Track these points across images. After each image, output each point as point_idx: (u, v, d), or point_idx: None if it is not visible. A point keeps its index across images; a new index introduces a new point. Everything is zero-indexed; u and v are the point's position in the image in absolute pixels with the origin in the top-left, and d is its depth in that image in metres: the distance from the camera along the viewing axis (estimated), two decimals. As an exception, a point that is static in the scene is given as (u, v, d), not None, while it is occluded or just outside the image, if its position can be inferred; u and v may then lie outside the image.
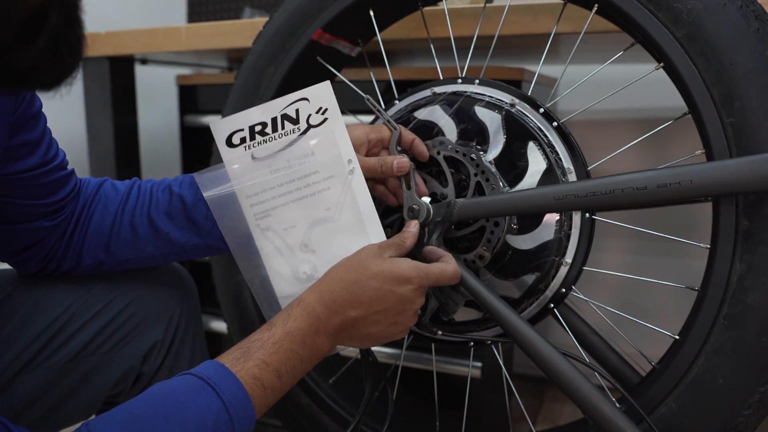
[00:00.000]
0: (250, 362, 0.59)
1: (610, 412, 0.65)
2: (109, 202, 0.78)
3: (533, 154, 0.75)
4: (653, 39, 0.69)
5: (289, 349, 0.62)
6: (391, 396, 0.78)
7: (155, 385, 0.58)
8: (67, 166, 0.76)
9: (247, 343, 0.62)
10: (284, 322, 0.63)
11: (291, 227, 0.70)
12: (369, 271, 0.65)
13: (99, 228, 0.77)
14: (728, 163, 0.63)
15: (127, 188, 0.79)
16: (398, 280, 0.65)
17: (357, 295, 0.64)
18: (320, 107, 0.69)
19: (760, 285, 0.64)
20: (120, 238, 0.77)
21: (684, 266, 1.49)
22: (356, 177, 0.69)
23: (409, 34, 1.02)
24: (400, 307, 0.66)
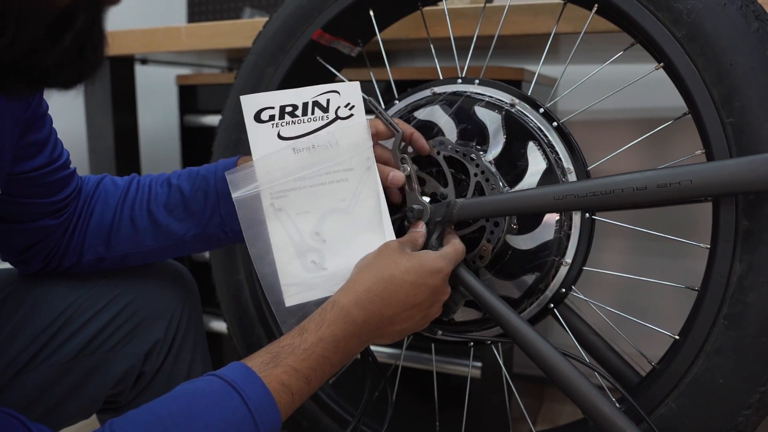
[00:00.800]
0: (279, 368, 0.57)
1: (610, 412, 0.65)
2: (109, 197, 0.78)
3: (533, 154, 0.75)
4: (653, 39, 0.69)
5: (320, 356, 0.60)
6: (391, 396, 0.78)
7: (181, 386, 0.56)
8: (70, 165, 0.76)
9: (277, 347, 0.60)
10: (317, 328, 0.61)
11: (304, 213, 0.70)
12: (402, 267, 0.64)
13: (99, 223, 0.77)
14: (728, 163, 0.63)
15: (126, 183, 0.80)
16: (431, 272, 0.65)
17: (394, 293, 0.63)
18: (348, 102, 0.71)
19: (760, 285, 0.64)
20: (120, 232, 0.77)
21: (684, 266, 1.49)
22: (372, 174, 0.71)
23: (409, 34, 1.02)
24: (432, 298, 0.66)
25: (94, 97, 1.41)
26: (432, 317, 0.69)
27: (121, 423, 0.51)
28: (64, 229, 0.76)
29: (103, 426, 0.51)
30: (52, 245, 0.76)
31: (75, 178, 0.77)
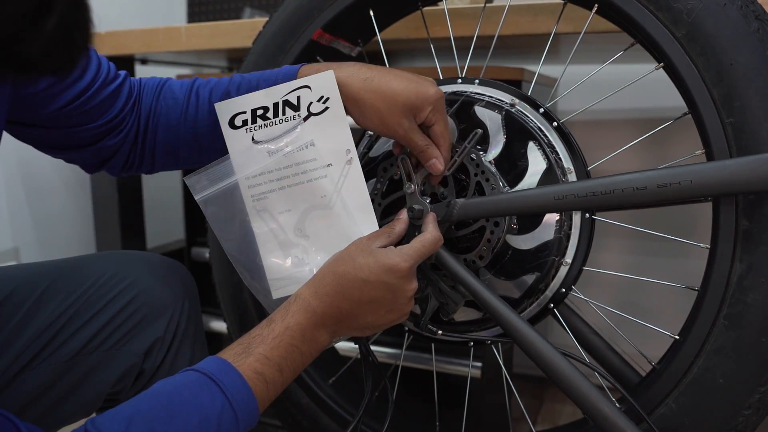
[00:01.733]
0: (251, 357, 0.60)
1: (610, 412, 0.65)
2: (171, 116, 0.77)
3: (533, 154, 0.75)
4: (653, 39, 0.69)
5: (289, 344, 0.62)
6: (391, 396, 0.78)
7: (159, 382, 0.58)
8: (117, 72, 0.75)
9: (248, 338, 0.62)
10: (282, 318, 0.64)
11: (286, 211, 0.71)
12: (356, 263, 0.65)
13: (164, 140, 0.78)
14: (728, 163, 0.63)
15: (185, 96, 0.77)
16: (384, 270, 0.65)
17: (347, 288, 0.65)
18: (322, 96, 0.69)
19: (760, 285, 0.64)
20: (185, 149, 0.78)
21: (684, 266, 1.49)
22: (353, 167, 0.70)
23: (409, 34, 1.02)
24: (391, 295, 0.66)
25: (94, 97, 1.41)
26: (401, 311, 0.68)
27: (101, 420, 0.52)
28: (132, 144, 0.77)
29: (84, 423, 0.52)
30: (125, 158, 0.77)
31: (124, 89, 0.75)
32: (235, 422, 0.57)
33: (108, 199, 1.45)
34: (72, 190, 1.66)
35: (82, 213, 1.68)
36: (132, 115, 0.76)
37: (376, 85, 0.69)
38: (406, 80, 0.70)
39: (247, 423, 0.58)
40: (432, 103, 0.70)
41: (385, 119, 0.70)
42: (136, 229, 1.53)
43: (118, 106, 0.74)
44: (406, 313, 0.69)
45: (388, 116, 0.69)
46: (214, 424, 0.55)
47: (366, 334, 0.70)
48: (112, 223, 1.47)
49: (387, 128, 0.70)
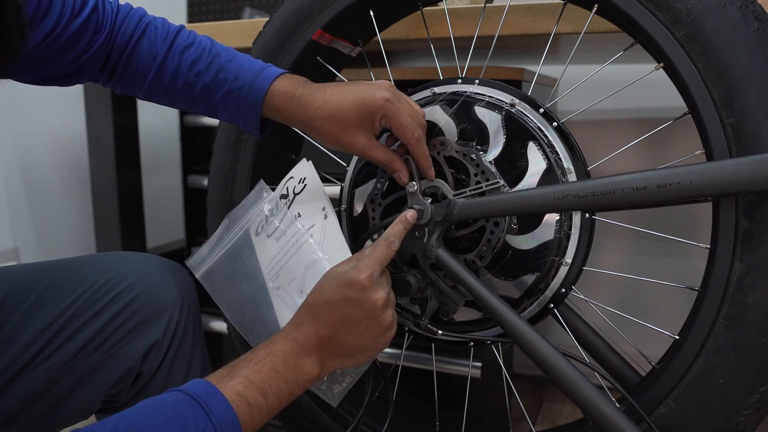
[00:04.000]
0: (234, 380, 0.61)
1: (610, 412, 0.65)
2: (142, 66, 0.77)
3: (533, 154, 0.75)
4: (653, 39, 0.69)
5: (270, 369, 0.63)
6: (391, 396, 0.78)
7: (146, 400, 0.59)
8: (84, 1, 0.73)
9: (233, 363, 0.64)
10: (265, 345, 0.65)
11: (292, 279, 0.78)
12: (322, 288, 0.67)
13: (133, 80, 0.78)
14: (728, 163, 0.63)
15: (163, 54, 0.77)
16: (345, 286, 0.65)
17: (318, 313, 0.66)
18: (301, 178, 0.80)
19: (760, 285, 0.64)
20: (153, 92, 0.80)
21: (684, 266, 1.49)
22: (329, 219, 0.79)
23: (409, 34, 1.02)
24: (359, 309, 0.65)
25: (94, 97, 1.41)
26: (381, 326, 0.67)
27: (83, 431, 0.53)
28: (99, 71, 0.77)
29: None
30: (95, 77, 0.79)
31: (90, 24, 0.74)
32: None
33: (108, 199, 1.45)
34: (72, 190, 1.66)
35: (82, 213, 1.68)
36: (102, 49, 0.76)
37: (327, 112, 0.73)
38: (354, 96, 0.72)
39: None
40: (378, 110, 0.71)
41: (340, 142, 0.74)
42: (136, 229, 1.53)
43: (85, 40, 0.73)
44: (389, 325, 0.68)
45: (342, 138, 0.73)
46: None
47: (360, 361, 0.69)
48: (112, 223, 1.47)
49: (345, 148, 0.75)
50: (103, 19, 0.75)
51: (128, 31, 0.76)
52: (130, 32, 0.76)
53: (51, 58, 0.72)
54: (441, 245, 0.75)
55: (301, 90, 0.75)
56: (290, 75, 0.77)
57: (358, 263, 0.67)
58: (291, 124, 0.77)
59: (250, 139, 0.94)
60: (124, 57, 0.77)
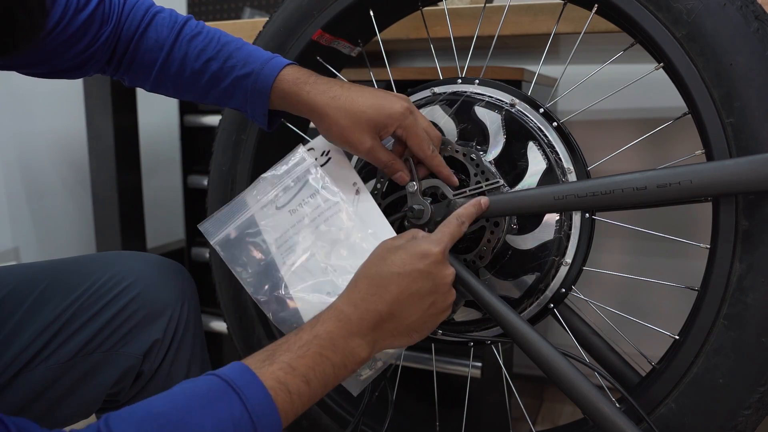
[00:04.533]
0: (275, 365, 0.57)
1: (610, 412, 0.65)
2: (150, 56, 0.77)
3: (533, 154, 0.75)
4: (653, 39, 0.69)
5: (317, 353, 0.59)
6: (391, 396, 0.78)
7: (180, 384, 0.56)
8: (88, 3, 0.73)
9: (274, 346, 0.59)
10: (312, 326, 0.61)
11: (312, 256, 0.75)
12: (388, 260, 0.63)
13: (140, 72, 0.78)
14: (728, 163, 0.63)
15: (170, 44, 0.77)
16: (417, 257, 0.63)
17: (383, 287, 0.62)
18: (324, 150, 0.78)
19: (760, 285, 0.64)
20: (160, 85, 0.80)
21: (684, 266, 1.49)
22: (362, 195, 0.76)
23: (409, 34, 1.02)
24: (430, 284, 0.64)
25: (94, 97, 1.41)
26: (445, 304, 0.66)
27: (116, 419, 0.51)
28: (106, 64, 0.77)
29: (99, 420, 0.51)
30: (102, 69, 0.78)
31: (96, 17, 0.73)
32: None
33: (108, 199, 1.45)
34: (72, 190, 1.66)
35: (82, 213, 1.68)
36: (109, 42, 0.75)
37: (342, 103, 0.72)
38: (373, 98, 0.72)
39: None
40: (397, 119, 0.71)
41: (347, 137, 0.73)
42: (136, 229, 1.53)
43: (91, 33, 0.73)
44: (449, 305, 0.67)
45: (351, 134, 0.72)
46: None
47: (414, 340, 0.66)
48: (112, 223, 1.47)
49: (349, 145, 0.74)
50: (110, 12, 0.75)
51: (134, 22, 0.76)
52: (136, 23, 0.76)
53: (56, 51, 0.72)
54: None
55: (314, 78, 0.74)
56: (299, 66, 0.77)
57: (429, 236, 0.66)
58: (299, 110, 0.75)
59: (250, 139, 0.93)
60: (131, 48, 0.77)
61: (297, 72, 0.75)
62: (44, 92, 1.54)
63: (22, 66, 0.73)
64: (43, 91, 1.54)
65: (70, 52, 0.73)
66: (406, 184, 0.76)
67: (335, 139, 0.75)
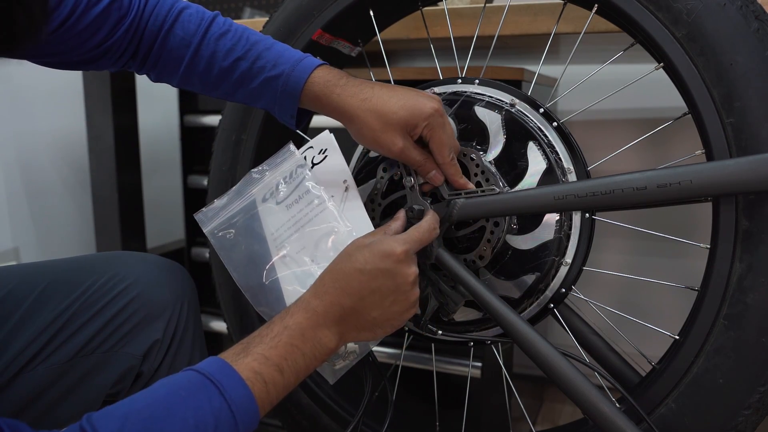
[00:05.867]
0: (249, 357, 0.59)
1: (610, 412, 0.65)
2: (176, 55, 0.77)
3: (533, 154, 0.75)
4: (653, 39, 0.69)
5: (287, 343, 0.61)
6: (391, 396, 0.78)
7: (159, 381, 0.58)
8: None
9: (247, 339, 0.62)
10: (281, 318, 0.64)
11: (302, 249, 0.77)
12: (352, 257, 0.65)
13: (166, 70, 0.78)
14: (728, 163, 0.63)
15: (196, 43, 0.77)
16: (380, 256, 0.65)
17: (346, 282, 0.65)
18: (322, 149, 0.79)
19: (760, 285, 0.64)
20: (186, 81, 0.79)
21: (684, 266, 1.49)
22: (351, 192, 0.77)
23: (409, 34, 1.02)
24: (391, 282, 0.65)
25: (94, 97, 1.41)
26: (408, 302, 0.67)
27: (98, 417, 0.52)
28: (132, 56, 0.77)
29: (80, 420, 0.52)
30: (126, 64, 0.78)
31: (113, 11, 0.73)
32: (234, 423, 0.56)
33: (108, 199, 1.45)
34: (72, 190, 1.66)
35: (82, 213, 1.68)
36: (127, 37, 0.75)
37: (373, 105, 0.72)
38: (404, 98, 0.72)
39: (246, 424, 0.57)
40: (426, 119, 0.71)
41: (379, 139, 0.72)
42: (136, 229, 1.53)
43: (106, 29, 0.73)
44: (414, 303, 0.68)
45: (383, 135, 0.72)
46: (211, 425, 0.55)
47: (378, 335, 0.68)
48: (112, 223, 1.47)
49: (381, 147, 0.73)
50: (128, 8, 0.74)
51: (159, 18, 0.76)
52: (161, 20, 0.76)
53: (68, 45, 0.72)
54: (441, 245, 0.75)
55: (345, 80, 0.74)
56: (331, 67, 0.76)
57: (396, 236, 0.67)
58: (329, 113, 0.75)
59: (250, 139, 0.94)
60: (157, 45, 0.76)
61: (328, 74, 0.75)
62: (44, 92, 1.54)
63: (32, 56, 0.73)
64: (43, 91, 1.54)
65: (83, 47, 0.73)
66: (440, 184, 0.75)
67: (367, 142, 0.75)
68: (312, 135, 0.99)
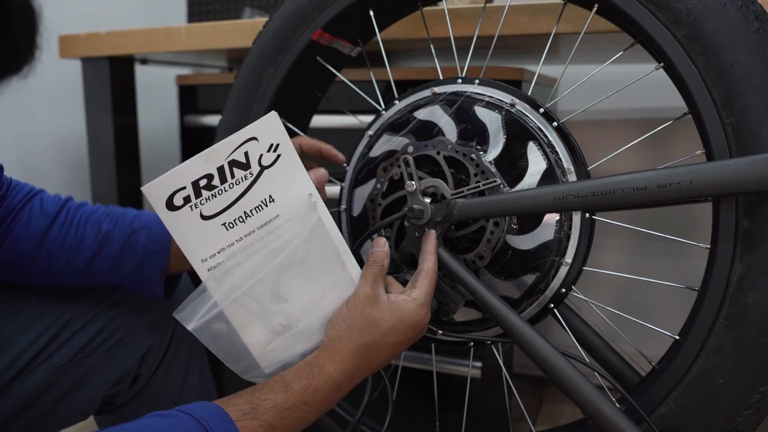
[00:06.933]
0: (256, 421, 0.57)
1: (610, 412, 0.65)
2: (32, 223, 0.73)
3: (533, 154, 0.75)
4: (653, 39, 0.69)
5: (299, 417, 0.60)
6: (391, 396, 0.78)
7: (152, 417, 0.55)
8: None
9: (258, 398, 0.58)
10: (303, 391, 0.60)
11: (258, 282, 0.63)
12: (383, 329, 0.63)
13: (13, 248, 0.73)
14: (728, 163, 0.63)
15: (55, 211, 0.75)
16: (411, 327, 0.65)
17: (377, 356, 0.64)
18: (271, 144, 0.61)
19: (760, 285, 0.64)
20: (34, 265, 0.74)
21: (684, 266, 1.49)
22: (320, 210, 0.63)
23: (409, 34, 1.02)
24: (414, 339, 0.67)
25: (94, 97, 1.41)
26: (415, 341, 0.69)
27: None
28: None
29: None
30: None
31: None
32: None
33: (108, 199, 1.45)
34: (72, 190, 1.66)
35: (82, 213, 1.68)
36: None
37: None
38: None
39: None
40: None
41: None
42: (136, 229, 1.52)
43: None
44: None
45: None
46: None
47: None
48: (112, 223, 1.47)
49: None
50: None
51: (18, 197, 0.75)
52: (19, 199, 0.75)
53: None
54: (441, 245, 0.75)
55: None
56: None
57: (417, 297, 0.65)
58: None
59: (250, 139, 0.93)
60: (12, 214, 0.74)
61: None
62: (44, 92, 1.54)
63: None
64: (43, 91, 1.54)
65: None
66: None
67: None
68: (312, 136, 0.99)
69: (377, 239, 0.70)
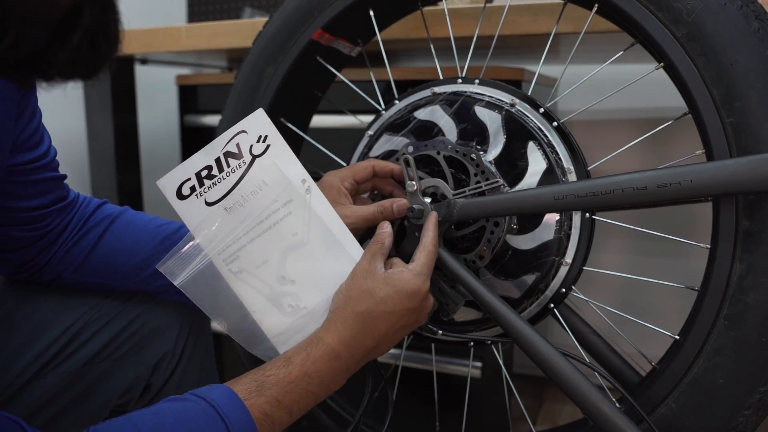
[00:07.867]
0: (262, 398, 0.58)
1: (610, 412, 0.65)
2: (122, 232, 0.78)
3: (533, 154, 0.75)
4: (653, 39, 0.69)
5: (304, 390, 0.61)
6: (391, 396, 0.78)
7: (166, 402, 0.57)
8: (58, 170, 0.74)
9: (262, 375, 0.60)
10: (303, 362, 0.61)
11: (263, 263, 0.68)
12: (377, 297, 0.64)
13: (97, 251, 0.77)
14: (728, 163, 0.63)
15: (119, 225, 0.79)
16: (407, 296, 0.64)
17: (374, 326, 0.64)
18: (260, 136, 0.68)
19: (760, 285, 0.64)
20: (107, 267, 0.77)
21: (684, 266, 1.49)
22: (314, 195, 0.68)
23: (409, 34, 1.02)
24: (415, 317, 0.67)
25: (94, 97, 1.41)
26: (419, 324, 0.69)
27: (100, 429, 0.52)
28: (46, 245, 0.74)
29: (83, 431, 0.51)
30: (29, 257, 0.74)
31: (60, 187, 0.74)
32: None
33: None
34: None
35: (82, 213, 1.68)
36: (57, 217, 0.74)
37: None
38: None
39: None
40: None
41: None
42: (136, 229, 1.52)
43: (47, 199, 0.72)
44: (420, 323, 0.69)
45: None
46: None
47: (378, 356, 0.69)
48: (112, 223, 1.47)
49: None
50: (72, 197, 0.77)
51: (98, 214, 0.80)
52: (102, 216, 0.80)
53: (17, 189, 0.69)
54: (441, 245, 0.75)
55: None
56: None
57: (414, 268, 0.66)
58: None
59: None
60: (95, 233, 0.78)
61: None
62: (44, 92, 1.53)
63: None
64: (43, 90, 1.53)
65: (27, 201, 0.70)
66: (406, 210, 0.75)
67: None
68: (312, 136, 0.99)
69: (382, 223, 0.72)
